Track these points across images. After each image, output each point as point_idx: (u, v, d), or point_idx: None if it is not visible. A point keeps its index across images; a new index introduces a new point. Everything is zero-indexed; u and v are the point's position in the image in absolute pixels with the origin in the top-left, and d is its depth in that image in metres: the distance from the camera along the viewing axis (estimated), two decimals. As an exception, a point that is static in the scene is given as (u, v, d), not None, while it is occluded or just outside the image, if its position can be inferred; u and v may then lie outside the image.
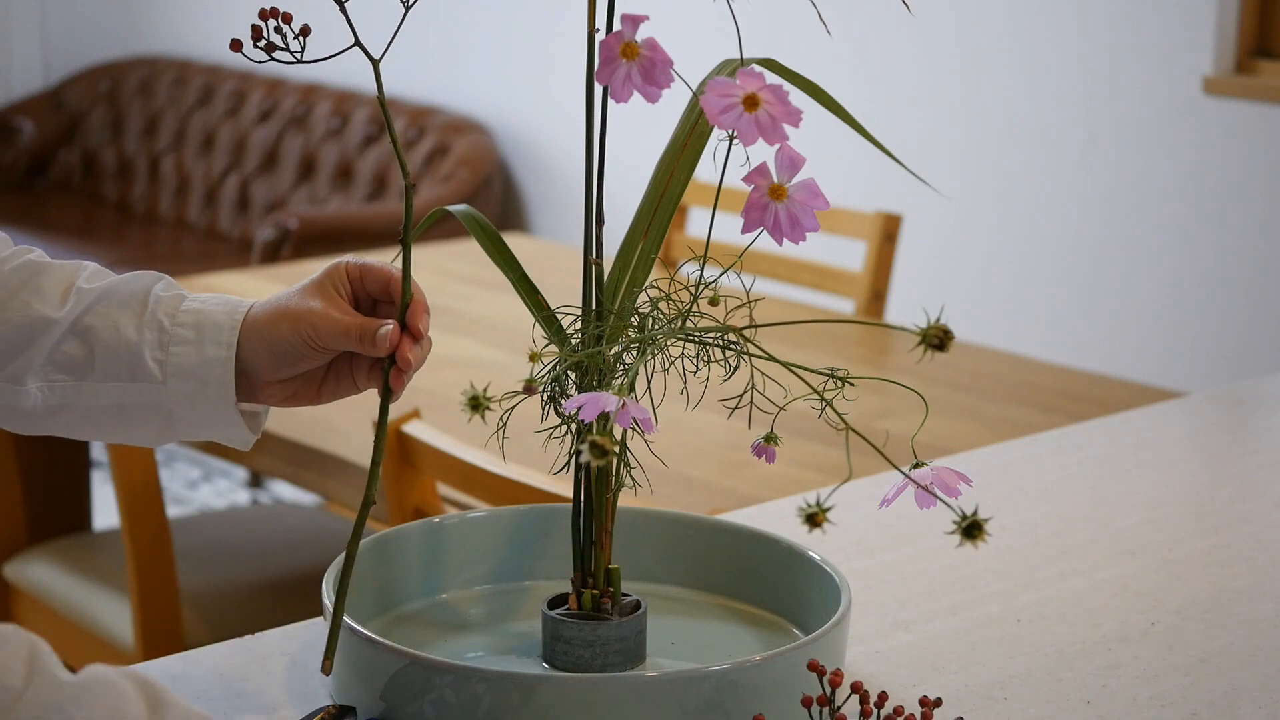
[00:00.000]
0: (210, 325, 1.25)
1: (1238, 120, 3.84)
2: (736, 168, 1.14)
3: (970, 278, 4.33)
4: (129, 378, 1.25)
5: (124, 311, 1.25)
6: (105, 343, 1.25)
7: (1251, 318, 3.88)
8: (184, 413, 1.26)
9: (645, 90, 1.13)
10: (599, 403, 1.09)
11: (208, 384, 1.24)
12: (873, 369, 2.81)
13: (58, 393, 1.26)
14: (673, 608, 1.36)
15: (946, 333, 1.09)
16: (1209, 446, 2.01)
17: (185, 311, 1.25)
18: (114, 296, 1.26)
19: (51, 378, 1.26)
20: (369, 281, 1.25)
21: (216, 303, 1.26)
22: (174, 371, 1.24)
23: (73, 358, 1.25)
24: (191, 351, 1.24)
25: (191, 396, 1.25)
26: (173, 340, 1.25)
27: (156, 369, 1.24)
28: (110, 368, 1.25)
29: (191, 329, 1.25)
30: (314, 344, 1.23)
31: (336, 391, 1.28)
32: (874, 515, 1.45)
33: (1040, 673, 1.32)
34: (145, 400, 1.25)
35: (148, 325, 1.25)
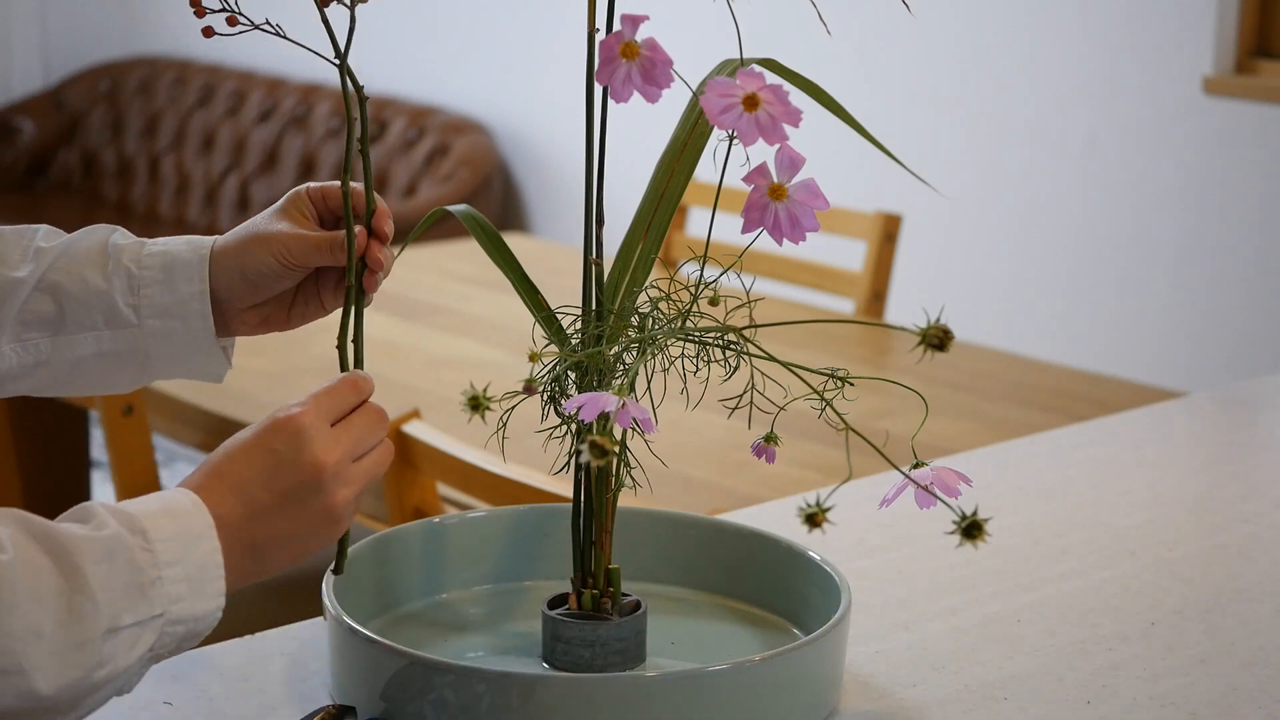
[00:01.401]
0: (179, 264, 1.27)
1: (1238, 120, 3.84)
2: (736, 168, 1.14)
3: (970, 278, 4.33)
4: (104, 325, 1.27)
5: (88, 263, 1.28)
6: (74, 295, 1.27)
7: (1251, 318, 3.88)
8: (161, 351, 1.28)
9: (645, 90, 1.13)
10: (599, 403, 1.09)
11: (186, 319, 1.27)
12: (873, 369, 2.81)
13: (32, 350, 1.28)
14: (673, 608, 1.36)
15: (946, 333, 1.09)
16: (1209, 446, 2.01)
17: (149, 255, 1.28)
18: (74, 251, 1.28)
19: (24, 336, 1.28)
20: (331, 200, 1.27)
21: (179, 243, 1.29)
22: (148, 312, 1.27)
23: (43, 314, 1.28)
24: (164, 291, 1.27)
25: (169, 334, 1.27)
26: (142, 282, 1.27)
27: (130, 312, 1.27)
28: (83, 318, 1.27)
29: (159, 270, 1.27)
30: (287, 261, 1.25)
31: (305, 314, 1.31)
32: (874, 515, 1.45)
33: (1040, 673, 1.32)
34: (122, 345, 1.28)
35: (114, 273, 1.27)
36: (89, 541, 1.02)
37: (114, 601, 1.02)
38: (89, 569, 1.01)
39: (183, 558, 1.05)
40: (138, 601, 1.03)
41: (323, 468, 1.10)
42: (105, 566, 1.02)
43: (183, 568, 1.05)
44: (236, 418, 2.53)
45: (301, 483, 1.10)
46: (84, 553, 1.02)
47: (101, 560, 1.02)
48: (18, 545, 1.00)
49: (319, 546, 1.12)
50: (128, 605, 1.02)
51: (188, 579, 1.05)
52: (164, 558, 1.04)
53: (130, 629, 1.02)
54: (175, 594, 1.04)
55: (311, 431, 1.10)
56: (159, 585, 1.04)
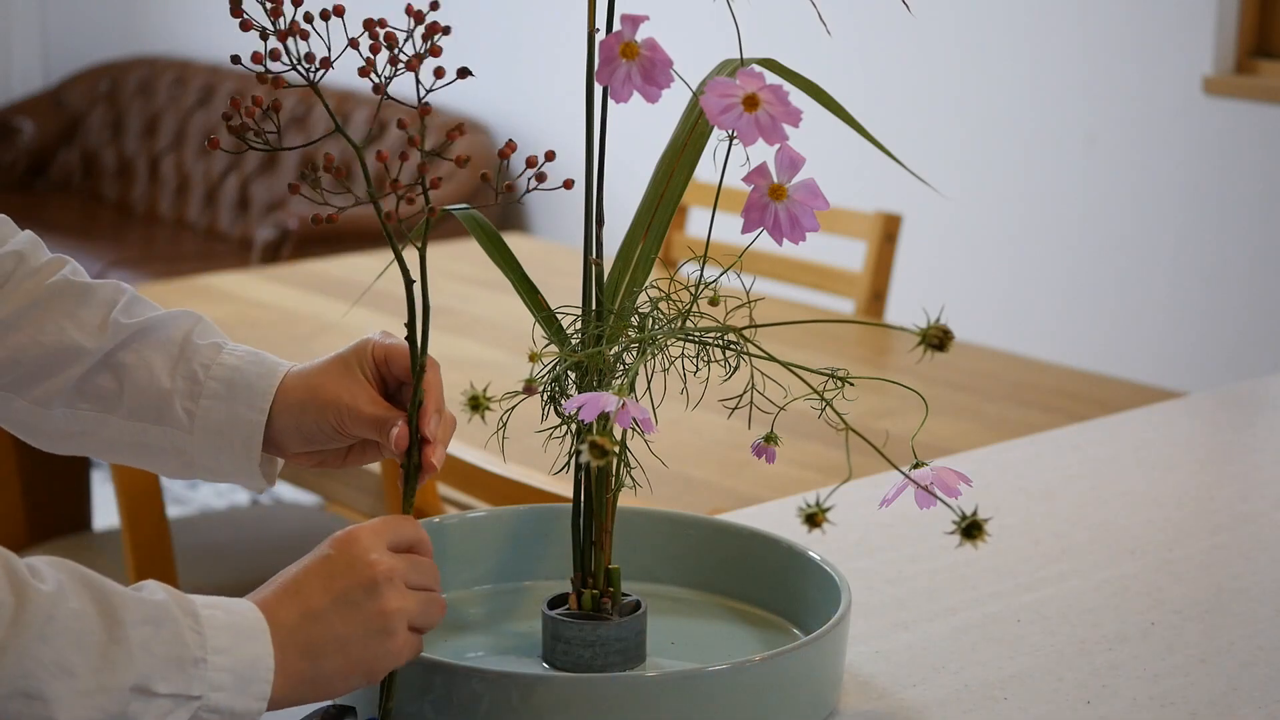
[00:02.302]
0: (243, 385, 1.26)
1: (1237, 120, 3.84)
2: (736, 168, 1.14)
3: (970, 278, 4.33)
4: (155, 420, 1.26)
5: (159, 354, 1.27)
6: (136, 382, 1.26)
7: (1251, 318, 3.88)
8: (205, 461, 1.27)
9: (645, 90, 1.13)
10: (599, 403, 1.09)
11: (234, 442, 1.26)
12: (873, 369, 2.81)
13: (81, 420, 1.28)
14: (673, 608, 1.36)
15: (946, 333, 1.09)
16: (1209, 446, 2.01)
17: (220, 365, 1.26)
18: (151, 336, 1.27)
19: (78, 406, 1.27)
20: (394, 366, 1.25)
21: (252, 360, 1.27)
22: (201, 424, 1.26)
23: (103, 390, 1.27)
24: (222, 409, 1.26)
25: (215, 450, 1.26)
26: (204, 393, 1.26)
27: (185, 417, 1.26)
28: (138, 407, 1.26)
29: (224, 384, 1.26)
30: (341, 431, 1.24)
31: (362, 459, 1.29)
32: (874, 515, 1.45)
33: (1040, 673, 1.32)
34: (168, 443, 1.27)
35: (181, 373, 1.26)
36: (137, 602, 1.03)
37: (151, 664, 1.02)
38: (130, 626, 1.02)
39: (232, 648, 1.05)
40: (176, 675, 1.02)
41: (375, 568, 1.10)
42: (149, 629, 1.02)
43: (230, 658, 1.05)
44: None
45: (356, 583, 1.10)
46: (129, 610, 1.02)
47: (146, 623, 1.02)
48: (63, 586, 1.01)
49: (374, 660, 1.10)
50: (164, 674, 1.02)
51: (234, 671, 1.05)
52: (213, 643, 1.04)
53: (164, 699, 1.02)
54: (218, 682, 1.04)
55: (366, 541, 1.12)
56: (202, 667, 1.03)
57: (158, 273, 5.12)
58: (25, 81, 6.34)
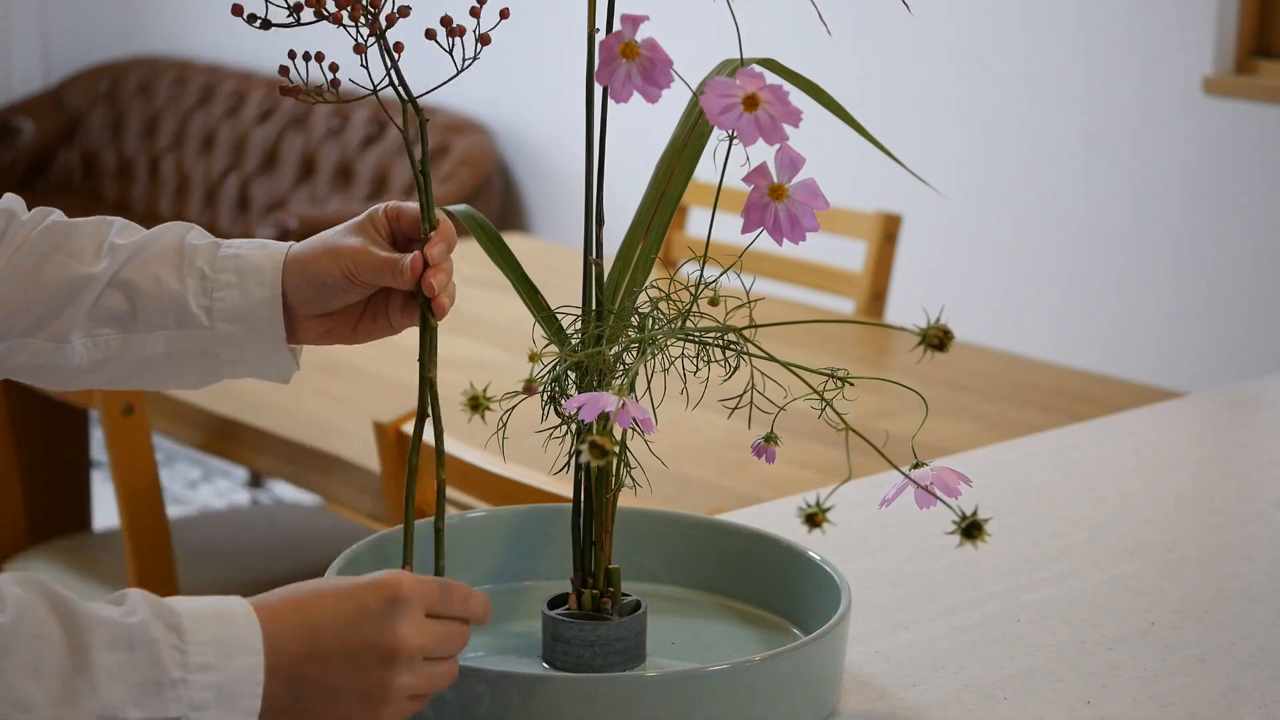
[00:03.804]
0: (251, 268, 1.27)
1: (1237, 120, 3.84)
2: (736, 168, 1.14)
3: (970, 278, 4.33)
4: (175, 325, 1.28)
5: (162, 262, 1.28)
6: (147, 294, 1.27)
7: (1251, 318, 3.88)
8: (231, 354, 1.29)
9: (645, 90, 1.13)
10: (599, 403, 1.09)
11: (255, 324, 1.27)
12: (873, 369, 2.81)
13: (102, 346, 1.29)
14: (673, 608, 1.36)
15: (946, 333, 1.09)
16: (1209, 446, 2.01)
17: (224, 257, 1.28)
18: (150, 249, 1.28)
19: (95, 332, 1.28)
20: (404, 222, 1.27)
21: (253, 246, 1.29)
22: (220, 315, 1.27)
23: (116, 311, 1.28)
24: (236, 295, 1.27)
25: (239, 338, 1.28)
26: (215, 285, 1.27)
27: (203, 314, 1.27)
28: (155, 317, 1.28)
29: (233, 273, 1.27)
30: (353, 277, 1.25)
31: (372, 331, 1.31)
32: (874, 515, 1.45)
33: (1040, 673, 1.32)
34: (192, 346, 1.28)
35: (189, 273, 1.28)
36: (109, 626, 1.00)
37: (118, 692, 0.99)
38: (98, 652, 0.99)
39: (218, 664, 1.02)
40: (150, 698, 1.00)
41: (401, 643, 1.07)
42: (121, 655, 0.99)
43: (215, 675, 1.02)
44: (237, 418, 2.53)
45: (374, 648, 1.06)
46: (98, 634, 0.99)
47: (117, 647, 0.99)
48: (27, 610, 0.98)
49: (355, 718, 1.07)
50: (135, 700, 0.99)
51: (218, 688, 1.01)
52: (195, 660, 1.01)
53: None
54: (199, 700, 1.01)
55: (407, 605, 1.08)
56: (180, 688, 1.00)
57: (158, 273, 5.11)
58: (25, 81, 6.34)
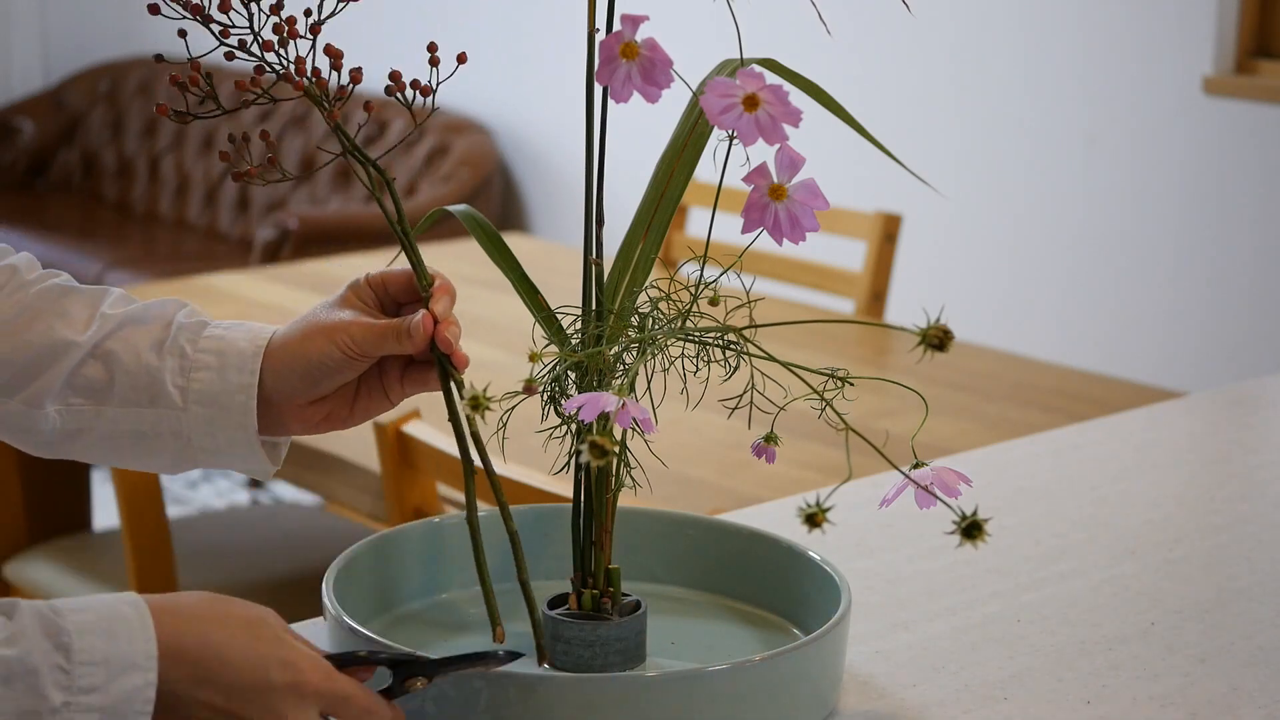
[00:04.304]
0: (233, 352, 1.23)
1: (1237, 120, 3.84)
2: (736, 168, 1.14)
3: (970, 278, 4.33)
4: (149, 403, 1.24)
5: (146, 337, 1.24)
6: (126, 367, 1.24)
7: (1252, 318, 3.88)
8: (203, 440, 1.24)
9: (645, 90, 1.13)
10: (599, 403, 1.09)
11: (229, 410, 1.23)
12: (873, 369, 2.81)
13: (75, 416, 1.25)
14: (673, 608, 1.36)
15: (946, 333, 1.09)
16: (1209, 446, 2.01)
17: (208, 338, 1.24)
18: (137, 322, 1.25)
19: (70, 401, 1.25)
20: (391, 285, 1.23)
21: (239, 329, 1.25)
22: (195, 398, 1.23)
23: (92, 381, 1.24)
24: (213, 378, 1.23)
25: (211, 423, 1.23)
26: (194, 366, 1.23)
27: (177, 394, 1.23)
28: (130, 393, 1.24)
29: (214, 355, 1.23)
30: (351, 352, 1.21)
31: (369, 409, 1.26)
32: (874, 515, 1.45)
33: (1040, 673, 1.32)
34: (164, 426, 1.24)
35: (169, 351, 1.23)
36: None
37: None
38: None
39: (105, 685, 0.99)
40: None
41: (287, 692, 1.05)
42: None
43: (101, 696, 0.99)
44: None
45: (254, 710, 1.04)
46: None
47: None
48: None
49: None
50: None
51: (105, 709, 0.99)
52: (81, 683, 0.98)
53: None
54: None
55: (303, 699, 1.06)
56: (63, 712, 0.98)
57: (158, 273, 5.12)
58: (25, 81, 6.34)
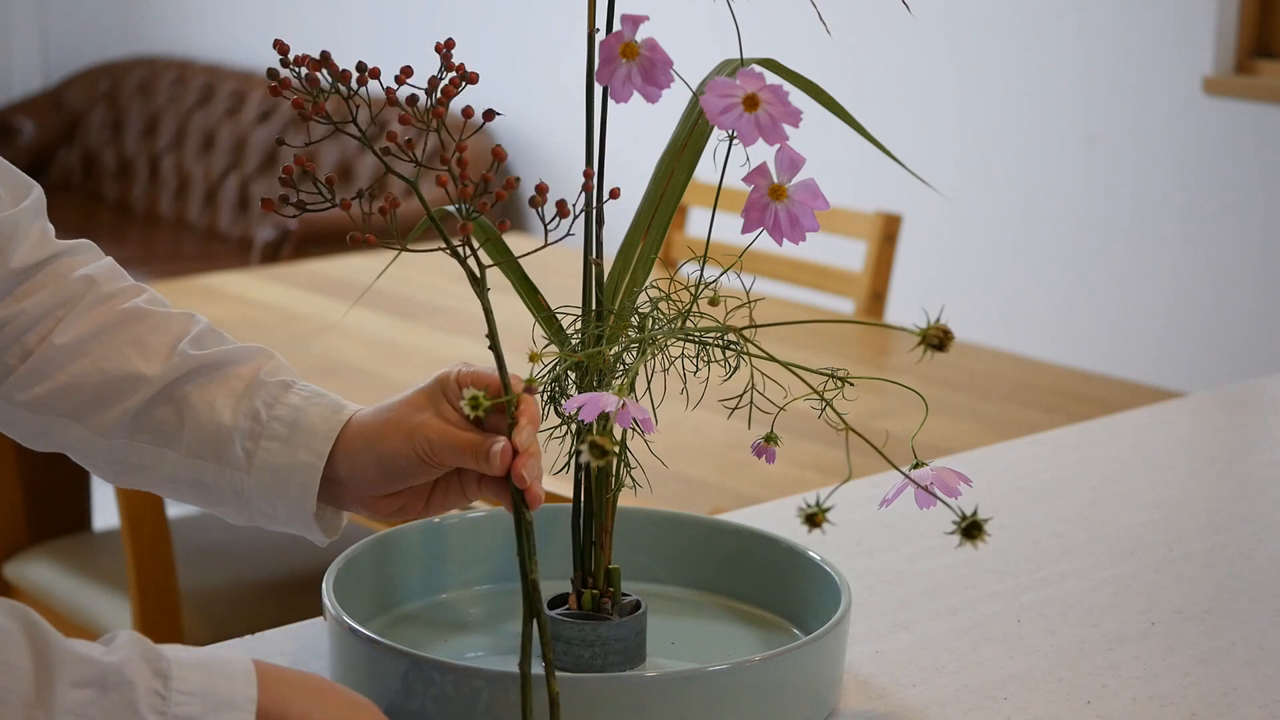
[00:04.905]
0: (305, 428, 1.21)
1: (1237, 120, 3.84)
2: (736, 168, 1.14)
3: (970, 278, 4.33)
4: (214, 458, 1.22)
5: (224, 391, 1.22)
6: (198, 418, 1.22)
7: (1252, 318, 3.88)
8: (262, 506, 1.22)
9: (645, 90, 1.13)
10: (599, 403, 1.09)
11: (289, 487, 1.21)
12: (873, 369, 2.81)
13: (139, 453, 1.24)
14: (673, 608, 1.36)
15: (946, 333, 1.09)
16: (1209, 446, 2.01)
17: (284, 405, 1.22)
18: (218, 371, 1.23)
19: (137, 438, 1.23)
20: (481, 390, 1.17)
21: (319, 404, 1.22)
22: (259, 465, 1.21)
23: (163, 424, 1.23)
24: (281, 450, 1.21)
25: (271, 494, 1.21)
26: (265, 434, 1.21)
27: (244, 457, 1.21)
28: (197, 445, 1.22)
29: (286, 426, 1.21)
30: (429, 460, 1.18)
31: (445, 504, 1.23)
32: (874, 515, 1.45)
33: (1040, 673, 1.32)
34: (225, 483, 1.22)
35: (244, 411, 1.21)
36: (83, 662, 0.96)
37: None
38: (62, 689, 0.94)
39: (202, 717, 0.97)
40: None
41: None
42: (89, 693, 0.95)
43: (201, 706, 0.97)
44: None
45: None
46: (67, 670, 0.95)
47: (85, 685, 0.95)
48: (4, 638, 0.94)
49: None
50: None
51: None
52: (177, 710, 0.97)
53: None
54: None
55: None
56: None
57: (158, 273, 5.12)
58: (25, 81, 6.34)
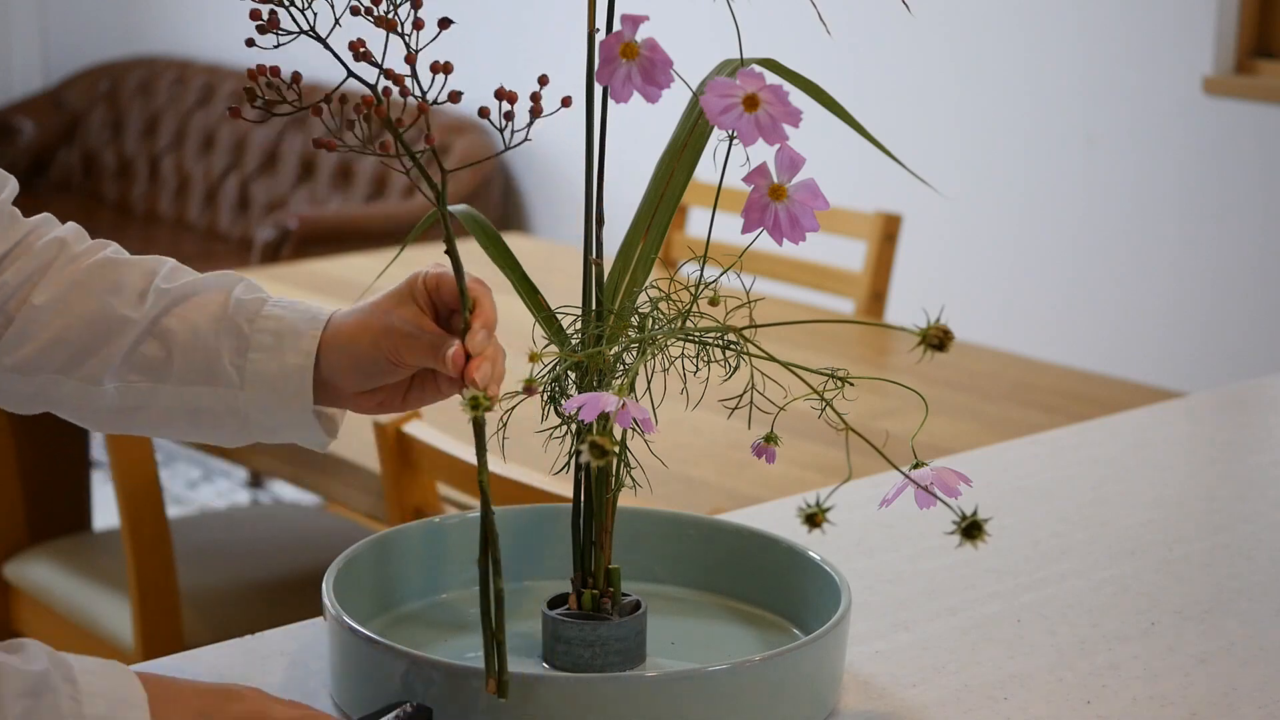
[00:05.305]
0: (290, 333, 1.24)
1: (1237, 120, 3.84)
2: (736, 168, 1.14)
3: (970, 278, 4.33)
4: (206, 381, 1.25)
5: (203, 314, 1.25)
6: (183, 346, 1.25)
7: (1252, 318, 3.88)
8: (260, 417, 1.26)
9: (645, 90, 1.13)
10: (599, 403, 1.09)
11: (285, 391, 1.24)
12: (873, 369, 2.81)
13: (133, 394, 1.26)
14: (673, 608, 1.36)
15: (946, 333, 1.09)
16: (1209, 446, 2.01)
17: (265, 317, 1.25)
18: (194, 298, 1.26)
19: (128, 378, 1.26)
20: (444, 292, 1.23)
21: (297, 310, 1.26)
22: (251, 378, 1.24)
23: (151, 359, 1.26)
24: (270, 358, 1.24)
25: (268, 402, 1.25)
26: (251, 346, 1.24)
27: (234, 374, 1.24)
28: (188, 371, 1.25)
29: (271, 335, 1.24)
30: (395, 360, 1.23)
31: (422, 398, 1.28)
32: (874, 515, 1.45)
33: (1040, 673, 1.32)
34: (221, 404, 1.25)
35: (226, 330, 1.25)
36: (18, 675, 1.02)
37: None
38: (10, 701, 1.01)
39: (108, 715, 1.04)
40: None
41: None
42: (27, 702, 1.02)
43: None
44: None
45: None
46: (10, 681, 1.01)
47: (25, 695, 1.02)
48: None
49: None
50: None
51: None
52: (89, 710, 1.03)
53: None
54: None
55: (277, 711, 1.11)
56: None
57: (158, 273, 5.11)
58: (25, 81, 6.34)
